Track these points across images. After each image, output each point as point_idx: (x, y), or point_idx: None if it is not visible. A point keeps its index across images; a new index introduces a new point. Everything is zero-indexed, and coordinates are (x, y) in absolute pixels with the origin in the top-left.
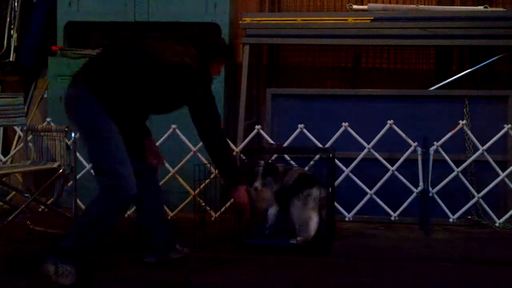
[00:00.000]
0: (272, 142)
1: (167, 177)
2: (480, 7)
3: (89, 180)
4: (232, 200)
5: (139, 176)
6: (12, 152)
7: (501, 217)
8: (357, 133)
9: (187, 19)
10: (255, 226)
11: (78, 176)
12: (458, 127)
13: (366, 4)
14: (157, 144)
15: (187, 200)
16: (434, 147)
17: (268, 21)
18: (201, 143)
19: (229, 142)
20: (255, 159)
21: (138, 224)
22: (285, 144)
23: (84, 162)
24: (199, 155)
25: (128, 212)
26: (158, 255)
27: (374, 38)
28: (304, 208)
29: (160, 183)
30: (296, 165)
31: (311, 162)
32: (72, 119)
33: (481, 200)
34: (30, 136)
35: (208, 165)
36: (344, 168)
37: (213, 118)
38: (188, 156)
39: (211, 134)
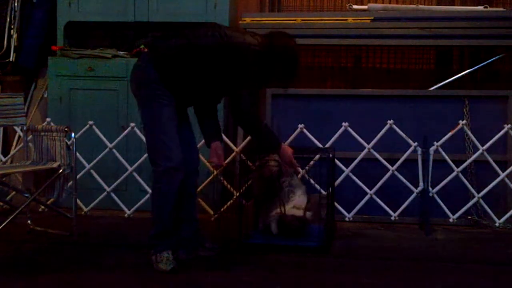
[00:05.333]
0: None
1: None
2: (480, 7)
3: (89, 180)
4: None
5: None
6: (12, 152)
7: (501, 217)
8: (357, 133)
9: (187, 19)
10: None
11: (78, 176)
12: (458, 127)
13: (366, 4)
14: None
15: None
16: (434, 147)
17: (268, 21)
18: (201, 143)
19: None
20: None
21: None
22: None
23: (84, 162)
24: (199, 155)
25: (129, 212)
26: (187, 252)
27: (374, 38)
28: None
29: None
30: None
31: (311, 162)
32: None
33: (481, 200)
34: (30, 136)
35: (209, 165)
36: (344, 168)
37: (252, 95)
38: None
39: (248, 108)
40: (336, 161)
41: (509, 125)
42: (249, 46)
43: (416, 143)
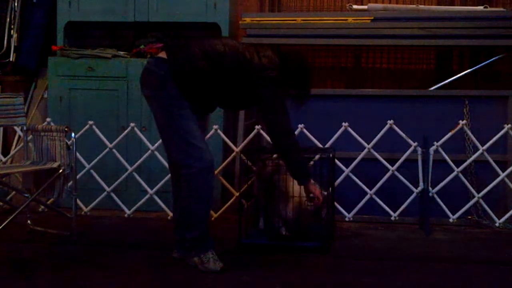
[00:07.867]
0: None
1: (167, 177)
2: (480, 7)
3: (89, 180)
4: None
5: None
6: (12, 152)
7: (501, 217)
8: (357, 133)
9: (187, 19)
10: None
11: (78, 176)
12: (458, 127)
13: (366, 4)
14: (156, 145)
15: None
16: (434, 147)
17: (268, 21)
18: None
19: (292, 140)
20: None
21: (174, 218)
22: None
23: (84, 162)
24: None
25: (129, 212)
26: (182, 252)
27: (374, 38)
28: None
29: (160, 184)
30: None
31: (311, 162)
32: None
33: (481, 200)
34: (30, 136)
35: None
36: (344, 168)
37: (278, 117)
38: None
39: (276, 132)
40: (336, 161)
41: (509, 125)
42: (265, 69)
43: (416, 143)
